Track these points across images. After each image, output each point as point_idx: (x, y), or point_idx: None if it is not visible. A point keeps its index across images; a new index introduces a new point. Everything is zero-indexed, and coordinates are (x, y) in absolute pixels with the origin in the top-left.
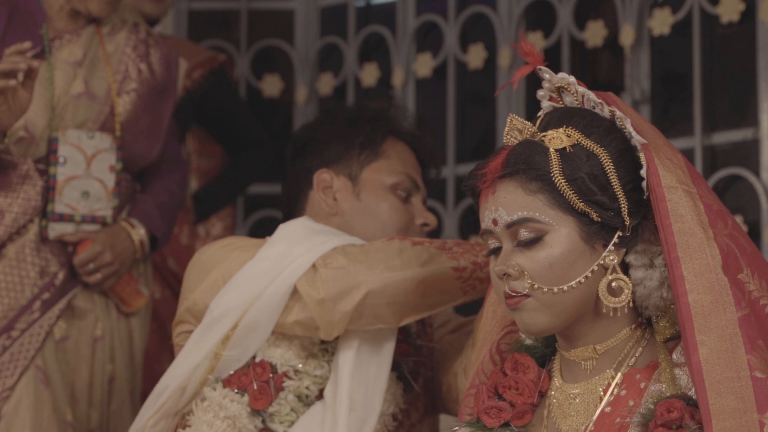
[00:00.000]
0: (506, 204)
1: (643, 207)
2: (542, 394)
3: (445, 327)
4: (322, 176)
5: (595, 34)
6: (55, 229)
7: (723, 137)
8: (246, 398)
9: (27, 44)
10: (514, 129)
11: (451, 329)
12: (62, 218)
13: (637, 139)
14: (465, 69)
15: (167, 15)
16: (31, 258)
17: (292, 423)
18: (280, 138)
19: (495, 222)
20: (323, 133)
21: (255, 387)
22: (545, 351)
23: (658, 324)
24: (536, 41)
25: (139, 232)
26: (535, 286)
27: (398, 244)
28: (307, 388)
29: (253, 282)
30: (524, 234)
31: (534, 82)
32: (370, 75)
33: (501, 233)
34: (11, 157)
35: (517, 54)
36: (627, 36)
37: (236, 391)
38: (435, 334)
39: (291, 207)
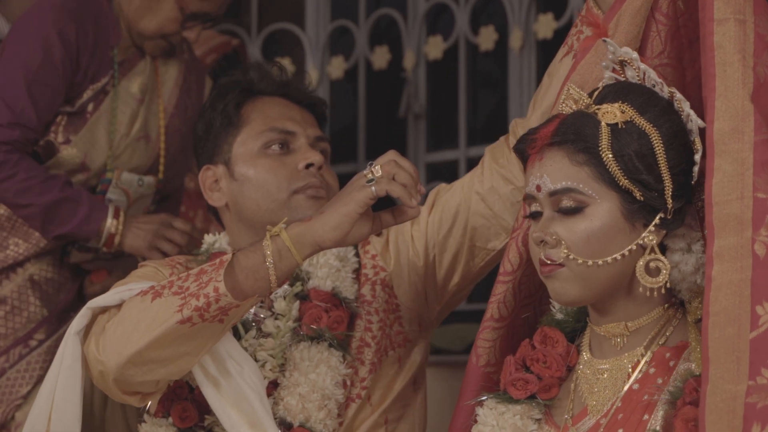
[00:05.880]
0: (551, 172)
1: (689, 191)
2: (570, 369)
3: (420, 221)
4: (205, 174)
5: None
6: (77, 256)
7: None
8: (171, 419)
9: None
10: (569, 98)
11: (427, 214)
12: (85, 248)
13: (696, 122)
14: (476, 51)
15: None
16: (51, 275)
17: None
18: None
19: (538, 188)
20: (197, 130)
21: (176, 406)
22: (575, 326)
23: (691, 305)
24: (547, 23)
25: None
26: (571, 257)
27: (140, 305)
28: None
29: (44, 397)
30: (566, 203)
31: (546, 65)
32: (381, 58)
33: (543, 200)
34: None
35: (529, 35)
36: None
37: (162, 415)
38: (416, 240)
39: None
